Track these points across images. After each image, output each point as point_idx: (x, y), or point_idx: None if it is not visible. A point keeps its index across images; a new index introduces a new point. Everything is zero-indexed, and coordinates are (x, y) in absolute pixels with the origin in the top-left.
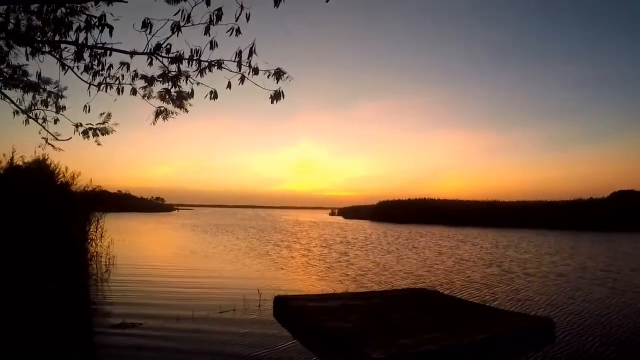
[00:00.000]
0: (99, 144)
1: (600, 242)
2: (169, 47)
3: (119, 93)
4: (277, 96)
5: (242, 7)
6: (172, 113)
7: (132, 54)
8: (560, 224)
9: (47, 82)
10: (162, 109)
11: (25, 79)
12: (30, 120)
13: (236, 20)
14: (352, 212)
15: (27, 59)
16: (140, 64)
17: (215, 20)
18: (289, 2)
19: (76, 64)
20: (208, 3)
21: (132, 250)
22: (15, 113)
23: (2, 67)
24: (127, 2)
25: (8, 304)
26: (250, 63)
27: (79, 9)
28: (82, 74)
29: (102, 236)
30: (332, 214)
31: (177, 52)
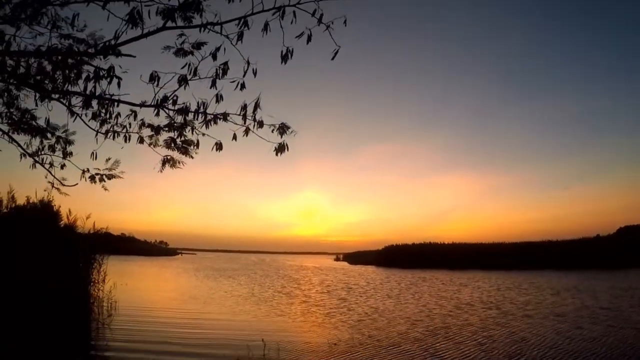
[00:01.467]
0: (105, 189)
1: (604, 280)
2: (175, 98)
3: (125, 141)
4: (281, 149)
5: (248, 63)
6: (179, 162)
7: (140, 105)
8: (566, 263)
9: (55, 127)
10: (168, 157)
11: (34, 123)
12: (37, 165)
13: (243, 76)
14: (357, 257)
15: (36, 105)
16: (147, 113)
17: (221, 74)
18: (294, 57)
19: (84, 111)
20: (214, 57)
21: (134, 294)
22: (22, 156)
23: (11, 110)
24: (135, 57)
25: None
26: (255, 116)
27: (87, 60)
28: (89, 121)
29: (104, 279)
30: (337, 259)
31: (184, 103)
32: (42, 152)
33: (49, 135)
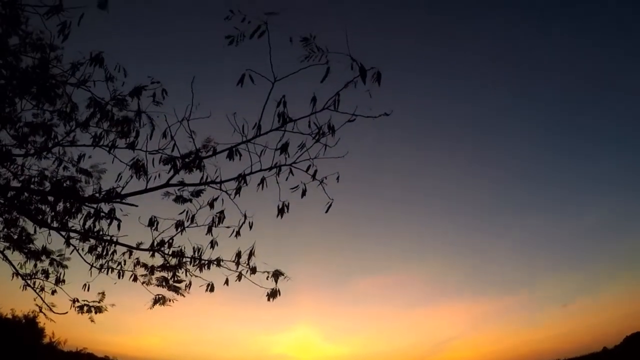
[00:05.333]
0: (92, 321)
1: None
2: (171, 241)
3: (119, 277)
4: (273, 294)
5: (245, 217)
6: (170, 300)
7: (137, 249)
8: None
9: (50, 252)
10: (159, 296)
11: (30, 246)
12: (27, 287)
13: (239, 228)
14: None
15: (35, 231)
16: (142, 252)
17: (217, 222)
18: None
19: (81, 244)
20: (211, 206)
21: None
22: (14, 275)
23: (11, 229)
24: (137, 206)
25: None
26: (249, 263)
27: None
28: (85, 254)
29: None
30: None
31: (179, 246)
32: (35, 276)
33: (43, 257)
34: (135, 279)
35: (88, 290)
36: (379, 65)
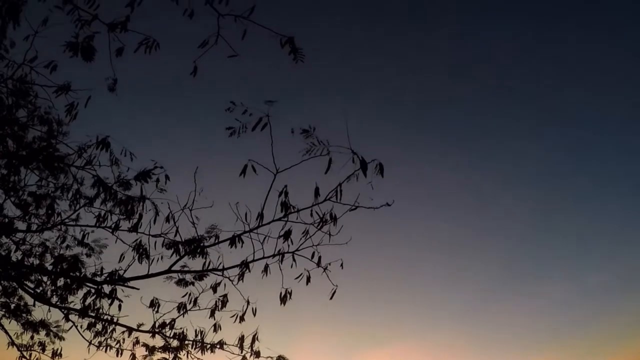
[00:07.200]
0: None
1: None
2: (173, 323)
3: (117, 355)
4: None
5: (248, 302)
6: None
7: (138, 330)
8: None
9: (48, 326)
10: None
11: (27, 317)
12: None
13: (243, 314)
14: None
15: (34, 304)
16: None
17: (220, 306)
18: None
19: (80, 320)
20: (214, 290)
21: None
22: (10, 345)
23: (9, 298)
24: (139, 289)
25: None
26: (252, 347)
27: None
28: (84, 331)
29: None
30: None
31: (181, 328)
32: (32, 348)
33: (40, 329)
34: (134, 358)
35: None
36: (389, 152)
